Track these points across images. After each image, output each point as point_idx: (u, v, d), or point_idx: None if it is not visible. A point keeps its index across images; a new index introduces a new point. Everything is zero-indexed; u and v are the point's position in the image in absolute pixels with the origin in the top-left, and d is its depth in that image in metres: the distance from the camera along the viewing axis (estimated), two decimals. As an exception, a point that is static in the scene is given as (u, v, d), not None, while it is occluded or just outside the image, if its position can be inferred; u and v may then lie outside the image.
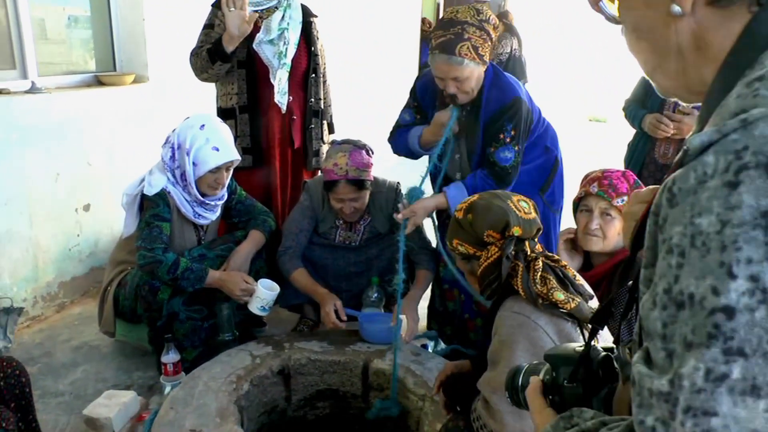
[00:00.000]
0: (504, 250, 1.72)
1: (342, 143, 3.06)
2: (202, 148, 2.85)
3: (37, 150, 3.57)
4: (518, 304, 1.71)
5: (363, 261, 3.25)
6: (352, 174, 2.96)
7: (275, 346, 2.88)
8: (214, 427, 2.30)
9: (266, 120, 3.39)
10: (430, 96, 2.92)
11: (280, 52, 3.26)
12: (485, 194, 1.85)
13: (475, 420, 1.77)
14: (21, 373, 1.99)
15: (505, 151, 2.70)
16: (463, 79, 2.62)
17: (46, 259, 3.75)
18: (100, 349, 3.35)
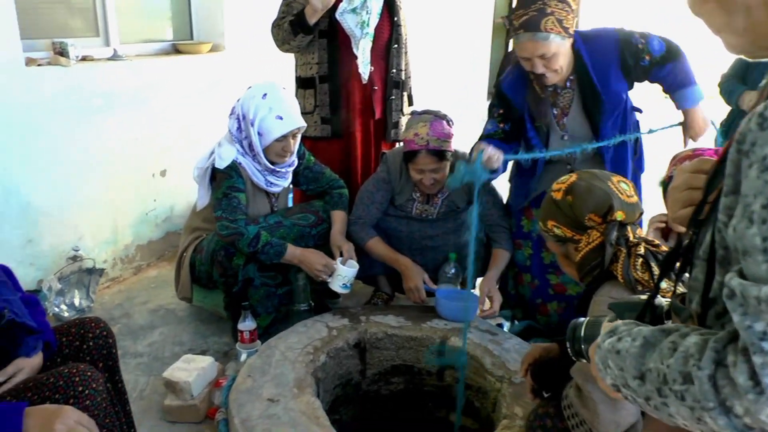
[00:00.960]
0: (607, 236, 1.64)
1: (422, 113, 2.99)
2: (265, 118, 2.83)
3: (117, 116, 3.62)
4: (616, 290, 1.63)
5: (439, 235, 3.19)
6: (433, 144, 2.89)
7: (351, 318, 2.86)
8: (292, 398, 2.30)
9: (346, 90, 3.34)
10: (521, 93, 2.81)
11: (363, 22, 3.19)
12: (584, 174, 1.76)
13: (566, 407, 1.70)
14: (108, 333, 2.00)
15: (653, 43, 2.61)
16: (551, 55, 2.51)
17: (124, 223, 3.82)
18: (176, 312, 3.40)
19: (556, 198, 1.75)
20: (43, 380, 1.71)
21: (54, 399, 1.67)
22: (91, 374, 1.72)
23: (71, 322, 2.00)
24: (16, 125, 3.10)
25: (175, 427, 2.48)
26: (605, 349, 1.02)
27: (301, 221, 3.05)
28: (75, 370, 1.71)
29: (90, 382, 1.70)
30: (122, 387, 2.06)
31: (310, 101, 3.33)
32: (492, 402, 2.59)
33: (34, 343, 1.82)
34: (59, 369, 1.74)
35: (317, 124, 3.35)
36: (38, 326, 1.85)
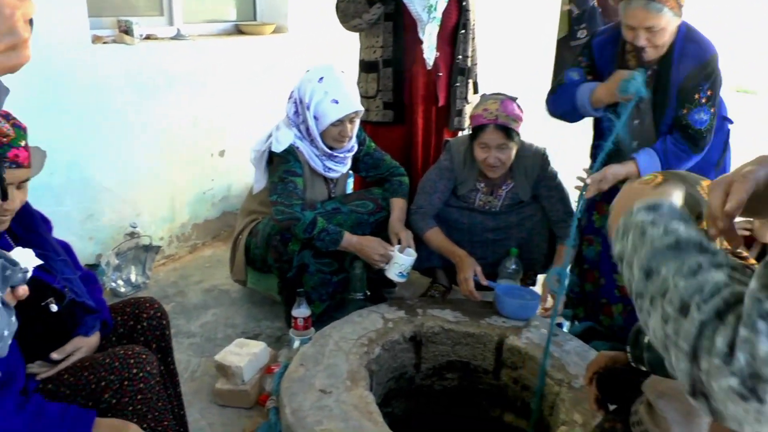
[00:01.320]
0: None
1: (494, 94, 2.90)
2: (321, 102, 2.76)
3: (178, 95, 3.61)
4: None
5: (502, 228, 3.08)
6: (501, 120, 2.78)
7: (408, 310, 2.78)
8: (344, 390, 2.23)
9: (410, 75, 3.24)
10: (608, 55, 2.67)
11: (431, 6, 3.09)
12: (671, 176, 1.62)
13: (635, 424, 1.59)
14: (162, 314, 1.99)
15: (700, 112, 2.44)
16: (658, 29, 2.37)
17: (182, 201, 3.82)
18: (230, 294, 3.38)
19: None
20: (99, 360, 1.70)
21: (109, 380, 1.66)
22: (146, 357, 1.71)
23: (126, 301, 1.98)
24: (82, 101, 3.11)
25: (225, 411, 2.45)
26: (634, 222, 0.95)
27: (360, 208, 2.98)
28: (130, 352, 1.70)
29: (145, 365, 1.69)
30: (174, 369, 2.04)
31: (373, 86, 3.25)
32: (549, 405, 2.49)
33: (93, 322, 1.81)
34: (115, 350, 1.72)
35: (379, 109, 3.27)
36: (96, 305, 1.83)
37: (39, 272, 1.73)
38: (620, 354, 1.91)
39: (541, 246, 3.08)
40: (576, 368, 2.48)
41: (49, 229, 1.91)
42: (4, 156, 1.59)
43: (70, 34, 3.00)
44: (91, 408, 1.63)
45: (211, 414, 2.43)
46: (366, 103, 3.25)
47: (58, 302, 1.74)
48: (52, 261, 1.78)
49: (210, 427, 2.35)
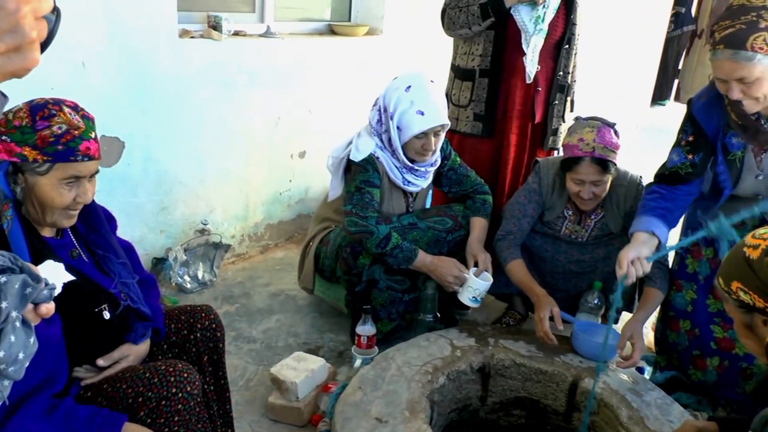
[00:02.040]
0: None
1: (589, 119, 2.68)
2: (406, 112, 2.60)
3: (262, 93, 3.55)
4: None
5: (587, 260, 2.87)
6: (599, 152, 2.57)
7: (478, 338, 2.61)
8: (402, 421, 2.09)
9: (507, 88, 3.06)
10: (715, 120, 2.39)
11: (538, 17, 2.91)
12: None
13: None
14: (217, 326, 1.88)
15: None
16: (753, 80, 2.05)
17: (256, 200, 3.76)
18: (296, 300, 3.29)
19: (750, 256, 1.37)
20: (139, 373, 1.61)
21: (147, 396, 1.56)
22: (188, 375, 1.60)
23: (182, 309, 1.90)
24: (163, 94, 3.08)
25: (276, 426, 2.35)
26: None
27: (437, 225, 2.82)
28: (172, 369, 1.59)
29: (185, 385, 1.58)
30: (225, 384, 1.94)
31: (466, 94, 3.09)
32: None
33: (143, 330, 1.74)
34: (157, 364, 1.62)
35: (469, 119, 3.11)
36: (151, 312, 1.75)
37: (96, 274, 1.67)
38: (710, 425, 1.70)
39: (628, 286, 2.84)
40: (656, 423, 2.25)
41: (113, 228, 1.85)
42: (77, 149, 1.53)
43: (159, 27, 2.97)
44: None
45: (261, 428, 2.32)
46: (456, 111, 3.10)
47: (112, 309, 1.68)
48: (111, 263, 1.72)
49: (259, 442, 2.25)
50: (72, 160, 1.53)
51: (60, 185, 1.54)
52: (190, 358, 1.83)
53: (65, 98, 1.59)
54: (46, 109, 1.51)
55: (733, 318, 1.50)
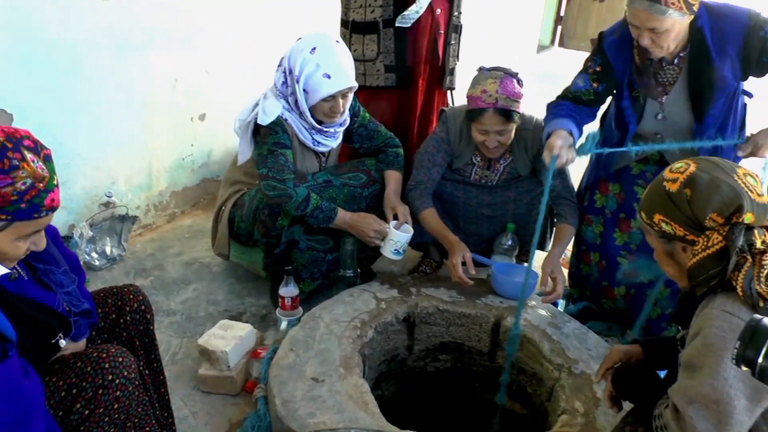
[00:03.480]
0: (733, 241, 1.38)
1: (492, 69, 2.72)
2: (312, 75, 2.55)
3: (158, 54, 3.39)
4: (731, 303, 1.38)
5: (498, 203, 2.95)
6: (501, 103, 2.62)
7: (401, 289, 2.66)
8: (338, 378, 2.12)
9: (413, 35, 3.06)
10: (624, 57, 2.50)
11: None
12: (705, 164, 1.49)
13: (658, 429, 1.48)
14: (146, 308, 1.81)
15: None
16: (662, 31, 2.21)
17: (160, 167, 3.63)
18: (211, 267, 3.23)
19: (670, 189, 1.48)
20: (69, 364, 1.52)
21: (81, 387, 1.48)
22: (123, 360, 1.53)
23: (108, 291, 1.81)
24: (50, 60, 2.87)
25: (210, 397, 2.32)
26: None
27: (352, 181, 2.81)
28: (105, 355, 1.52)
29: (121, 370, 1.51)
30: (158, 367, 1.88)
31: (372, 47, 3.06)
32: (548, 391, 2.39)
33: (84, 329, 1.64)
34: (88, 351, 1.54)
35: (380, 72, 3.09)
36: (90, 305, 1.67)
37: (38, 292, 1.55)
38: (634, 348, 1.81)
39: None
40: (576, 352, 2.39)
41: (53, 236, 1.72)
42: (41, 204, 1.36)
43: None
44: (61, 419, 1.47)
45: (194, 401, 2.29)
46: (362, 67, 3.07)
47: (65, 331, 1.57)
48: (52, 275, 1.60)
49: (194, 416, 2.21)
50: (35, 217, 1.37)
51: (16, 240, 1.38)
52: (121, 343, 1.76)
53: (17, 129, 1.37)
54: (5, 159, 1.29)
55: (655, 248, 1.60)
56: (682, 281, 1.53)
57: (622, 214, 2.69)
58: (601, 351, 2.40)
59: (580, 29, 9.13)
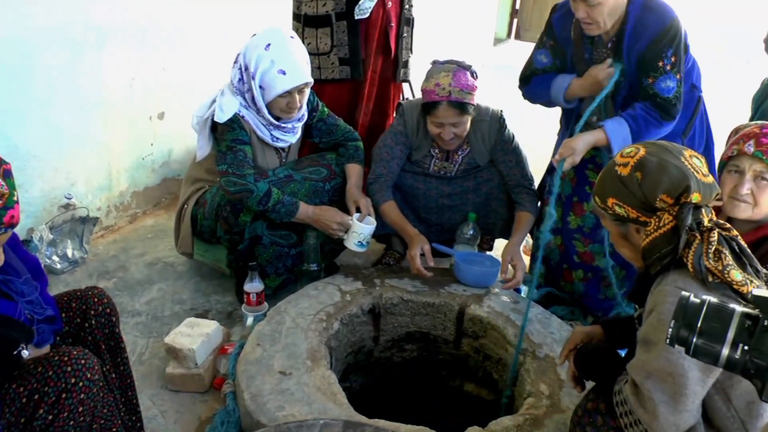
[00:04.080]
0: (682, 220, 1.44)
1: (445, 63, 2.75)
2: (267, 72, 2.56)
3: (113, 52, 3.35)
4: (683, 279, 1.45)
5: (458, 193, 2.99)
6: (455, 96, 2.66)
7: (365, 281, 2.69)
8: (306, 371, 2.14)
9: (365, 27, 3.09)
10: (567, 32, 2.58)
11: None
12: (653, 147, 1.55)
13: (618, 404, 1.54)
14: (112, 311, 1.81)
15: (667, 80, 2.37)
16: (595, 4, 2.29)
17: (119, 167, 3.60)
18: (175, 267, 3.22)
19: (621, 174, 1.54)
20: (30, 369, 1.50)
21: (43, 392, 1.47)
22: (85, 362, 1.52)
23: (71, 295, 1.79)
24: (3, 60, 2.83)
25: (178, 396, 2.32)
26: None
27: (313, 175, 2.83)
28: (66, 358, 1.50)
29: (84, 372, 1.50)
30: (125, 370, 1.87)
31: (326, 41, 3.08)
32: (513, 376, 2.44)
33: (48, 335, 1.62)
34: (48, 356, 1.53)
35: (335, 65, 3.11)
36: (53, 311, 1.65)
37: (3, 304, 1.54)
38: (595, 329, 1.88)
39: (499, 211, 3.00)
40: (539, 336, 2.45)
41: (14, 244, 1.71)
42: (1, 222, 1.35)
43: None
44: (23, 426, 1.45)
45: (162, 400, 2.29)
46: (317, 60, 3.08)
47: (26, 341, 1.56)
48: (13, 285, 1.59)
49: (163, 415, 2.21)
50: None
51: None
52: (87, 347, 1.74)
53: None
54: None
55: (610, 231, 1.67)
56: (638, 261, 1.60)
57: (575, 198, 2.75)
58: (564, 334, 2.46)
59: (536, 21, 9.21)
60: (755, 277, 1.43)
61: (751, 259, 1.46)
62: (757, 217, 1.98)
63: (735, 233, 1.50)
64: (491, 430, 1.97)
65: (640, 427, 1.48)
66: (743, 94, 3.50)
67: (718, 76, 6.97)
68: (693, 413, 1.45)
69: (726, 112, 3.89)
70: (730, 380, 1.45)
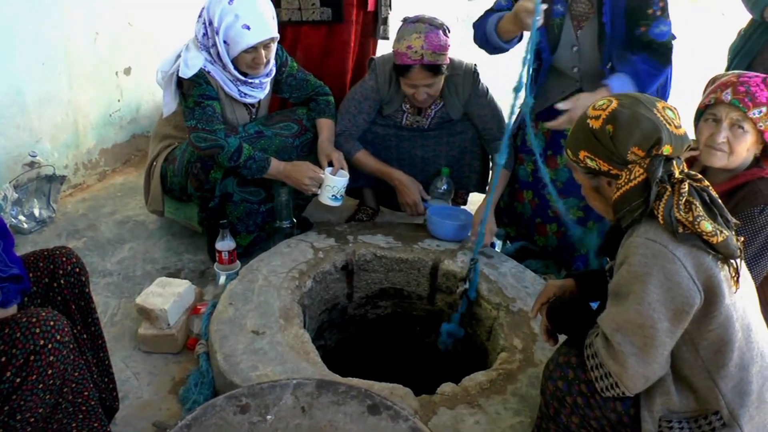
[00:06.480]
0: (653, 173, 1.43)
1: (416, 21, 2.67)
2: (231, 27, 2.48)
3: (76, 6, 3.24)
4: (653, 231, 1.44)
5: (431, 145, 2.95)
6: (428, 58, 2.61)
7: (338, 238, 2.67)
8: (279, 330, 2.13)
9: None
10: None
11: None
12: (625, 100, 1.53)
13: (589, 357, 1.55)
14: (81, 270, 1.76)
15: (660, 25, 2.33)
16: None
17: (86, 124, 3.51)
18: (146, 225, 3.17)
19: (593, 127, 1.52)
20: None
21: (11, 354, 1.43)
22: (55, 323, 1.49)
23: (39, 254, 1.74)
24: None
25: (151, 357, 2.30)
26: None
27: (284, 131, 2.77)
28: (35, 319, 1.47)
29: (53, 334, 1.47)
30: (96, 330, 1.84)
31: None
32: (487, 330, 2.46)
33: (15, 295, 1.57)
34: (16, 317, 1.49)
35: (315, 6, 3.02)
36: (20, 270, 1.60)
37: None
38: (568, 282, 1.88)
39: (473, 165, 2.98)
40: (513, 291, 2.46)
41: None
42: None
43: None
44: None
45: (135, 362, 2.27)
46: (297, 2, 3.01)
47: None
48: None
49: (136, 377, 2.20)
50: None
51: None
52: (56, 308, 1.71)
53: None
54: None
55: (582, 184, 1.65)
56: (609, 214, 1.59)
57: (549, 152, 2.74)
58: (537, 288, 2.47)
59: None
60: (725, 228, 1.43)
61: (721, 209, 1.47)
62: (732, 165, 2.00)
63: (706, 184, 1.49)
64: (465, 385, 1.98)
65: (611, 380, 1.49)
66: (718, 46, 3.47)
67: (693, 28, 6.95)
68: (662, 365, 1.47)
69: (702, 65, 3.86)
70: (698, 330, 1.46)
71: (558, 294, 1.86)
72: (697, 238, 1.42)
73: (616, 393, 1.50)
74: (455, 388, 1.97)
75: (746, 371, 1.49)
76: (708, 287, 1.42)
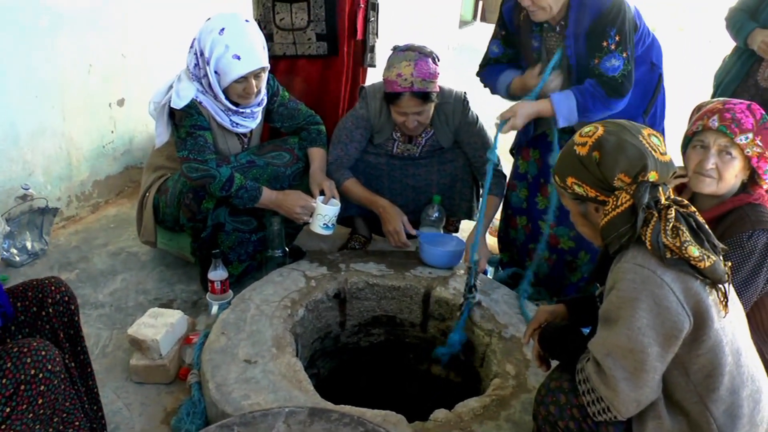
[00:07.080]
0: (639, 199, 1.45)
1: (406, 50, 2.71)
2: (222, 57, 2.50)
3: (68, 38, 3.27)
4: (642, 256, 1.46)
5: (422, 173, 2.98)
6: (417, 86, 2.64)
7: (330, 266, 2.68)
8: (271, 359, 2.12)
9: (340, 5, 3.09)
10: (515, 20, 2.60)
11: None
12: (612, 127, 1.55)
13: (581, 382, 1.56)
14: (70, 299, 1.76)
15: (611, 59, 2.37)
16: None
17: (79, 156, 3.52)
18: (139, 256, 3.17)
19: (580, 153, 1.54)
20: None
21: (0, 384, 1.43)
22: (46, 353, 1.48)
23: (27, 284, 1.74)
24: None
25: (143, 388, 2.28)
26: None
27: (275, 160, 2.79)
28: (26, 349, 1.47)
29: (45, 363, 1.47)
30: (85, 359, 1.83)
31: (302, 16, 3.04)
32: (480, 357, 2.46)
33: None
34: (7, 347, 1.49)
35: (311, 41, 3.08)
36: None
37: None
38: (559, 308, 1.89)
39: (464, 192, 3.01)
40: (505, 317, 2.46)
41: None
42: None
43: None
44: None
45: (127, 393, 2.25)
46: (291, 36, 3.06)
47: None
48: None
49: (127, 407, 2.18)
50: None
51: None
52: (45, 337, 1.71)
53: None
54: None
55: (570, 209, 1.67)
56: (597, 240, 1.61)
57: (542, 180, 2.76)
58: (529, 314, 2.48)
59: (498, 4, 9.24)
60: (712, 252, 1.45)
61: (708, 234, 1.48)
62: (721, 191, 2.02)
63: (693, 209, 1.51)
64: (458, 412, 1.98)
65: (603, 404, 1.49)
66: (705, 73, 3.52)
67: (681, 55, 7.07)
68: (653, 389, 1.47)
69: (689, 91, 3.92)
70: (688, 355, 1.47)
71: (549, 320, 1.87)
72: (685, 264, 1.43)
73: (608, 417, 1.50)
74: (448, 414, 1.97)
75: (737, 395, 1.50)
76: (697, 312, 1.43)
